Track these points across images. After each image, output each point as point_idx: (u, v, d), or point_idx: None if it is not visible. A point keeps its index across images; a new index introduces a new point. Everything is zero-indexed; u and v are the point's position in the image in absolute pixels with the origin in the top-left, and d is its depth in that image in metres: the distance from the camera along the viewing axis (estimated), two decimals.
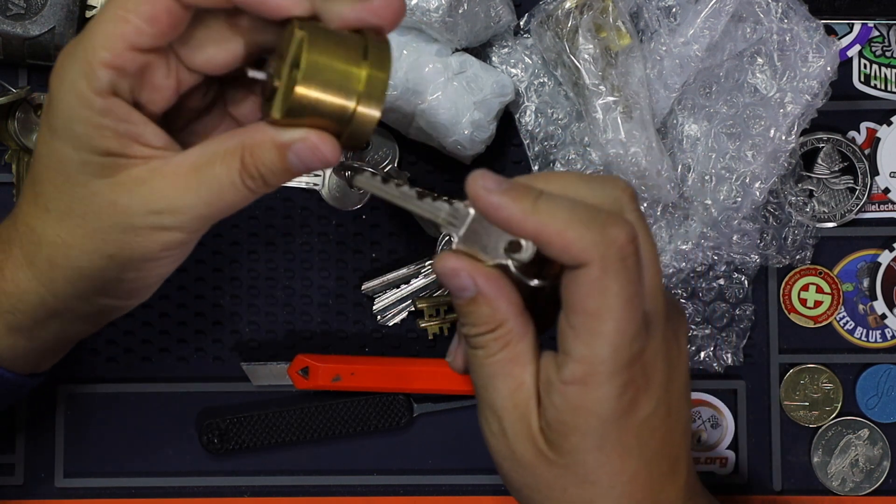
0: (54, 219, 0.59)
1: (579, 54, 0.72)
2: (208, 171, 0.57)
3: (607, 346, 0.54)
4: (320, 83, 0.54)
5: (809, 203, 0.77)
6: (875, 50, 0.78)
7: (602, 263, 0.53)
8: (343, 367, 0.75)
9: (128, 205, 0.58)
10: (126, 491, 0.77)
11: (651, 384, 0.56)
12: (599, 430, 0.56)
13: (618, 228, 0.54)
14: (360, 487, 0.78)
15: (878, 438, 0.77)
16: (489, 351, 0.57)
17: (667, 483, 0.59)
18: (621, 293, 0.54)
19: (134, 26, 0.55)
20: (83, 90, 0.56)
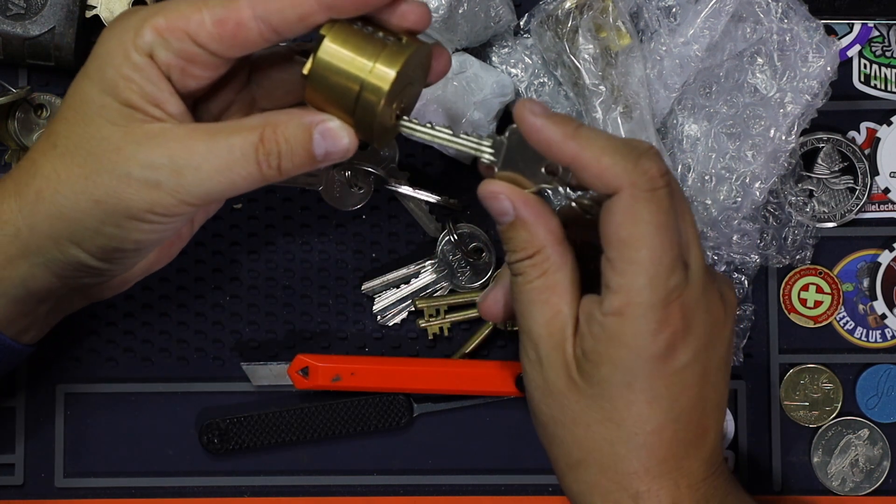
0: (57, 154, 0.60)
1: (579, 54, 0.72)
2: (223, 139, 0.58)
3: (643, 275, 0.57)
4: (334, 67, 0.58)
5: (809, 203, 0.77)
6: (875, 50, 0.78)
7: (633, 191, 0.56)
8: (343, 366, 0.75)
9: (131, 154, 0.59)
10: (126, 491, 0.77)
11: (689, 332, 0.58)
12: (631, 364, 0.57)
13: (650, 161, 0.57)
14: (360, 487, 0.78)
15: (878, 438, 0.77)
16: (527, 277, 0.59)
17: (691, 450, 0.60)
18: (652, 220, 0.56)
19: (200, 18, 0.57)
20: (126, 41, 0.58)
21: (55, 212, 0.60)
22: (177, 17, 0.58)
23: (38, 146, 0.62)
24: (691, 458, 0.60)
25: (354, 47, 0.58)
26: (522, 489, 0.77)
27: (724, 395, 0.62)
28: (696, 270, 0.58)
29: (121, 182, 0.59)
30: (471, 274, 0.76)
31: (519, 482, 0.77)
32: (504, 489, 0.78)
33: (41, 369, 0.77)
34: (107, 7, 0.74)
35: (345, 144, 0.59)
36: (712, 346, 0.59)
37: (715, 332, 0.59)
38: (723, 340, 0.60)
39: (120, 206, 0.59)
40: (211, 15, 0.57)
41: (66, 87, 0.76)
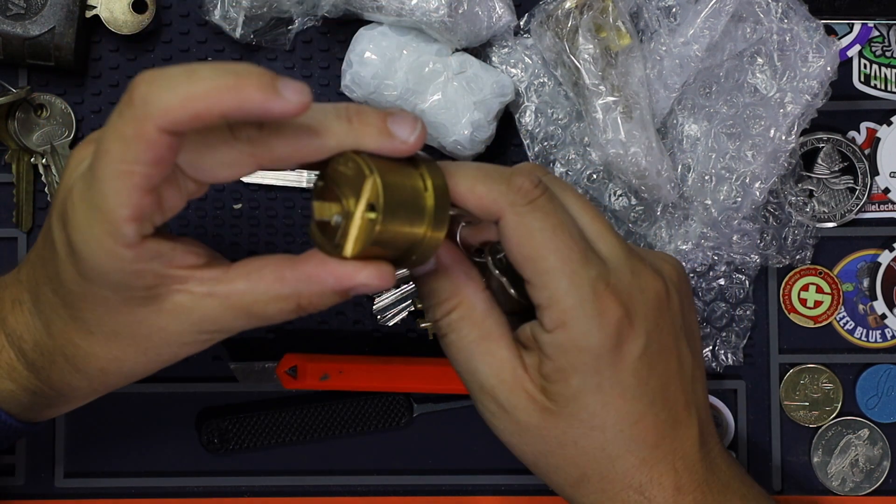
0: (102, 340, 0.59)
1: (579, 54, 0.72)
2: (258, 311, 0.56)
3: (561, 280, 0.57)
4: (394, 224, 0.55)
5: (809, 203, 0.77)
6: (875, 50, 0.78)
7: (513, 209, 0.57)
8: (331, 365, 0.75)
9: (178, 330, 0.57)
10: (126, 491, 0.77)
11: (633, 317, 0.58)
12: (594, 365, 0.57)
13: (521, 177, 0.57)
14: (360, 487, 0.78)
15: (878, 438, 0.77)
16: (460, 333, 0.59)
17: (679, 429, 0.60)
18: (544, 227, 0.57)
19: (141, 175, 0.52)
20: (112, 247, 0.54)
21: (129, 377, 0.61)
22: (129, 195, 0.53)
23: (65, 328, 0.59)
24: (682, 438, 0.60)
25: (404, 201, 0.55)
26: (522, 489, 0.78)
27: (699, 365, 0.62)
28: (613, 256, 0.59)
29: (181, 348, 0.59)
30: None
31: (519, 482, 0.77)
32: (504, 489, 0.78)
33: None
34: (107, 7, 0.74)
35: (380, 289, 0.57)
36: (663, 321, 0.59)
37: (660, 307, 0.59)
38: (673, 313, 0.60)
39: (182, 357, 0.60)
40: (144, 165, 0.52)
41: (66, 87, 0.76)
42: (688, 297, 0.63)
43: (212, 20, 0.74)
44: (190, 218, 0.77)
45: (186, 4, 0.76)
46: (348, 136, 0.55)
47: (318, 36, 0.77)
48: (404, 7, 0.71)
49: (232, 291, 0.56)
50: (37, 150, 0.76)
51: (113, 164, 0.52)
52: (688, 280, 0.63)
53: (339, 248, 0.55)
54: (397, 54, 0.72)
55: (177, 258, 0.56)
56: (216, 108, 0.51)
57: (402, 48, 0.72)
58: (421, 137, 0.56)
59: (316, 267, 0.55)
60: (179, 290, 0.56)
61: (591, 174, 0.75)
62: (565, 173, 0.75)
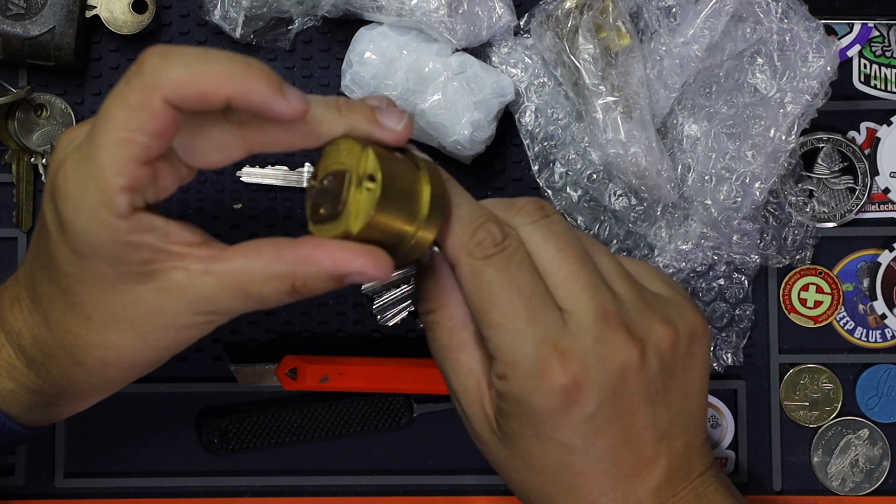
0: (99, 326, 0.58)
1: (579, 54, 0.72)
2: (254, 289, 0.57)
3: (505, 335, 0.57)
4: (391, 204, 0.55)
5: (809, 203, 0.77)
6: (875, 50, 0.78)
7: (468, 259, 0.57)
8: (331, 367, 0.75)
9: (175, 309, 0.57)
10: (126, 491, 0.77)
11: (582, 385, 0.57)
12: (533, 420, 0.58)
13: (485, 233, 0.57)
14: (360, 487, 0.78)
15: (878, 438, 0.77)
16: (435, 335, 0.60)
17: (634, 481, 0.59)
18: (492, 281, 0.57)
19: (141, 145, 0.53)
20: (106, 217, 0.54)
21: (129, 367, 0.60)
22: (125, 164, 0.53)
23: (63, 317, 0.59)
24: (634, 488, 0.59)
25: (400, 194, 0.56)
26: None
27: (683, 419, 0.60)
28: (580, 317, 0.57)
29: (179, 331, 0.58)
30: None
31: None
32: (504, 489, 0.78)
33: None
34: (107, 7, 0.74)
35: (376, 279, 0.57)
36: (625, 389, 0.58)
37: (624, 377, 0.57)
38: (646, 380, 0.58)
39: (182, 343, 0.59)
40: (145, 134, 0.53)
41: (66, 87, 0.76)
42: (689, 354, 0.60)
43: (212, 20, 0.74)
44: (190, 219, 0.77)
45: (186, 4, 0.76)
46: (338, 122, 0.56)
47: (318, 36, 0.77)
48: (404, 7, 0.71)
49: (228, 269, 0.56)
50: (37, 150, 0.76)
51: (114, 131, 0.52)
52: (696, 335, 0.60)
53: (342, 226, 0.55)
54: (397, 54, 0.72)
55: (172, 233, 0.56)
56: (223, 92, 0.52)
57: (402, 48, 0.72)
58: (408, 127, 0.56)
59: (314, 249, 0.56)
60: (176, 266, 0.56)
61: (591, 174, 0.75)
62: (565, 173, 0.75)
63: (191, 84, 0.51)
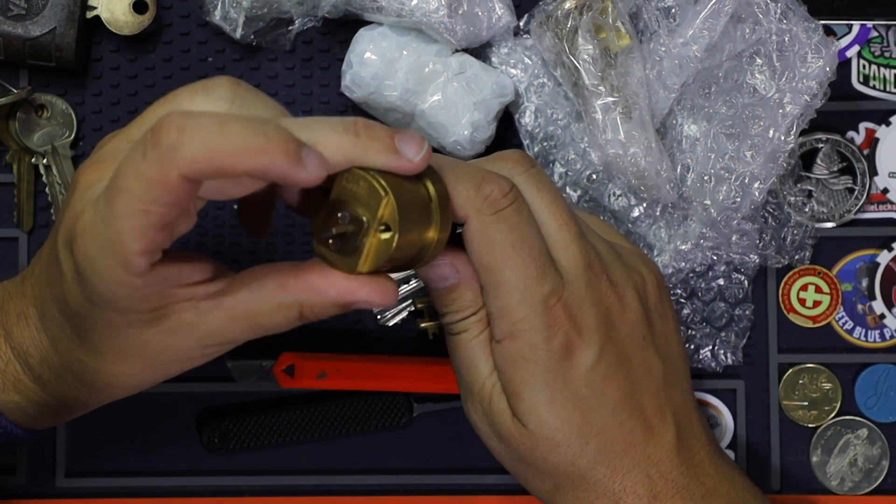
0: (109, 359, 0.59)
1: (579, 55, 0.72)
2: (263, 321, 0.57)
3: (514, 293, 0.58)
4: (407, 238, 0.55)
5: (808, 203, 0.77)
6: (874, 50, 0.78)
7: (479, 216, 0.58)
8: (328, 364, 0.75)
9: (184, 346, 0.58)
10: (127, 490, 0.77)
11: (584, 330, 0.58)
12: (543, 378, 0.58)
13: (491, 185, 0.58)
14: (360, 487, 0.78)
15: (877, 438, 0.77)
16: (472, 333, 0.60)
17: (650, 436, 0.60)
18: (505, 240, 0.58)
19: (159, 215, 0.53)
20: (122, 276, 0.54)
21: (133, 391, 0.61)
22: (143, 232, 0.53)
23: (72, 347, 0.59)
24: (655, 445, 0.60)
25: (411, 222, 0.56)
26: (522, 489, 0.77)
27: (674, 369, 0.62)
28: (571, 268, 0.59)
29: (186, 363, 0.59)
30: None
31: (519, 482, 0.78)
32: (504, 489, 0.78)
33: None
34: (107, 8, 0.74)
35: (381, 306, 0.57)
36: (618, 332, 0.60)
37: (613, 318, 0.60)
38: (632, 322, 0.61)
39: (189, 368, 0.60)
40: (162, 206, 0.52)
41: (67, 88, 0.77)
42: (660, 303, 0.63)
43: (212, 21, 0.74)
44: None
45: (187, 5, 0.76)
46: (355, 150, 0.55)
47: (319, 36, 0.77)
48: (404, 7, 0.71)
49: (236, 303, 0.56)
50: (38, 151, 0.76)
51: (132, 203, 0.52)
52: (661, 285, 0.64)
53: (352, 264, 0.55)
54: (397, 55, 0.72)
55: (183, 278, 0.56)
56: (241, 168, 0.51)
57: (402, 49, 0.72)
58: (426, 158, 0.56)
59: (319, 278, 0.56)
60: (185, 307, 0.56)
61: (591, 174, 0.75)
62: (565, 173, 0.75)
63: (208, 162, 0.51)
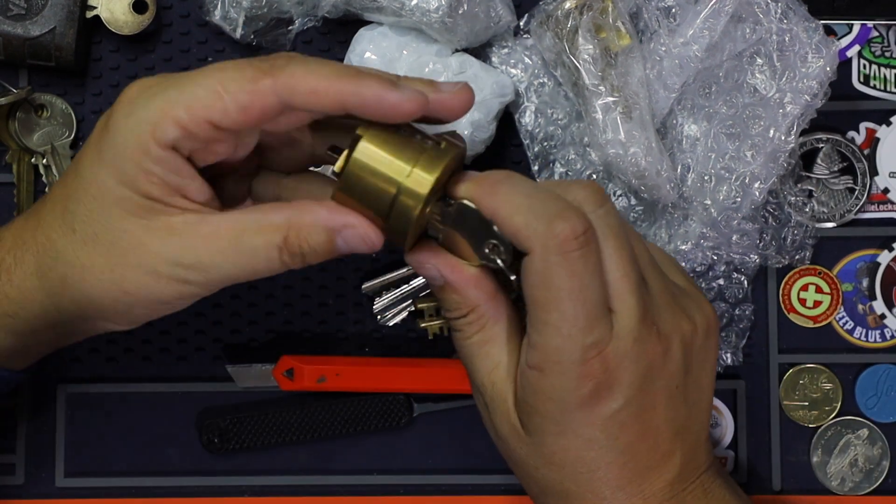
0: (79, 241, 0.59)
1: (579, 55, 0.72)
2: (247, 240, 0.57)
3: (556, 337, 0.57)
4: (370, 168, 0.56)
5: (809, 203, 0.77)
6: (874, 50, 0.78)
7: (543, 254, 0.56)
8: (328, 367, 0.75)
9: (157, 251, 0.57)
10: (126, 490, 0.77)
11: (615, 384, 0.57)
12: (558, 416, 0.58)
13: (564, 222, 0.56)
14: (360, 487, 0.78)
15: (878, 438, 0.77)
16: (465, 333, 0.60)
17: (651, 474, 0.60)
18: (563, 286, 0.56)
19: (223, 106, 0.54)
20: (145, 136, 0.55)
21: (83, 298, 0.60)
22: (199, 108, 0.55)
23: (52, 223, 0.60)
24: (653, 481, 0.60)
25: (392, 149, 0.57)
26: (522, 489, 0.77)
27: (695, 415, 0.61)
28: (625, 319, 0.58)
29: (149, 277, 0.58)
30: None
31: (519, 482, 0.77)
32: (504, 489, 0.78)
33: (41, 369, 0.77)
34: (107, 7, 0.74)
35: (368, 246, 0.58)
36: (651, 385, 0.58)
37: (652, 373, 0.58)
38: (669, 374, 0.59)
39: (151, 297, 0.59)
40: (235, 102, 0.55)
41: (67, 88, 0.77)
42: (703, 349, 0.61)
43: (212, 21, 0.74)
44: None
45: (187, 5, 0.76)
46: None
47: (319, 36, 0.77)
48: (404, 7, 0.71)
49: (223, 219, 0.57)
50: (37, 151, 0.76)
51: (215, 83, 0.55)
52: (710, 330, 0.61)
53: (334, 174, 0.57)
54: (397, 54, 0.72)
55: (186, 186, 0.57)
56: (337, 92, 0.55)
57: (402, 48, 0.72)
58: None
59: (310, 202, 0.57)
60: (174, 212, 0.57)
61: (591, 174, 0.75)
62: (565, 173, 0.75)
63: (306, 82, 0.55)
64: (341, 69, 0.56)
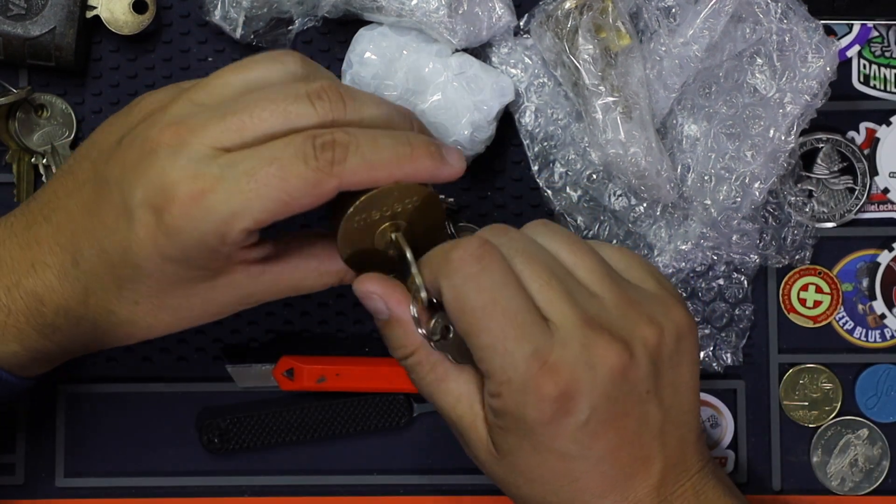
0: (143, 310, 0.60)
1: (579, 55, 0.72)
2: (306, 286, 0.62)
3: (494, 357, 0.57)
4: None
5: (809, 203, 0.77)
6: (874, 50, 0.78)
7: (449, 283, 0.58)
8: (328, 367, 0.75)
9: (224, 301, 0.61)
10: (126, 490, 0.77)
11: (574, 394, 0.57)
12: (528, 434, 0.58)
13: (458, 249, 0.58)
14: (360, 487, 0.78)
15: (878, 438, 0.77)
16: (418, 374, 0.61)
17: (632, 480, 0.60)
18: (477, 304, 0.57)
19: (292, 208, 0.57)
20: (213, 243, 0.57)
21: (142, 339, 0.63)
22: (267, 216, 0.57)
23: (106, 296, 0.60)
24: (634, 487, 0.60)
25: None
26: None
27: (676, 415, 0.61)
28: (564, 325, 0.57)
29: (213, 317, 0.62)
30: None
31: None
32: None
33: None
34: (107, 7, 0.74)
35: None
36: (617, 391, 0.58)
37: (614, 380, 0.58)
38: (636, 380, 0.58)
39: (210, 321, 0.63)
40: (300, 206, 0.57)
41: (67, 88, 0.76)
42: (676, 352, 0.60)
43: (212, 21, 0.74)
44: None
45: (187, 5, 0.76)
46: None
47: (319, 36, 0.77)
48: (404, 7, 0.71)
49: (284, 270, 0.61)
50: (37, 151, 0.76)
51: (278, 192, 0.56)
52: (682, 332, 0.61)
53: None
54: (397, 54, 0.72)
55: (252, 253, 0.59)
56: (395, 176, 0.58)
57: (402, 48, 0.72)
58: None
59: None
60: (239, 269, 0.59)
61: (591, 174, 0.75)
62: (565, 173, 0.75)
63: (366, 174, 0.57)
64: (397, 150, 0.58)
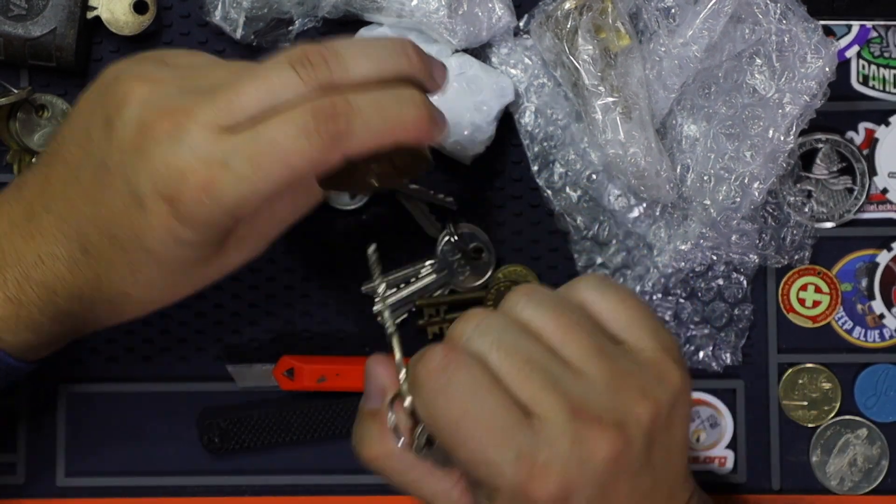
0: (156, 290, 0.63)
1: (578, 55, 0.72)
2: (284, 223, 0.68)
3: (481, 467, 0.55)
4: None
5: (808, 203, 0.77)
6: (873, 51, 0.78)
7: (419, 400, 0.56)
8: (328, 367, 0.75)
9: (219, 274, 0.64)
10: (127, 490, 0.77)
11: (571, 492, 0.54)
12: None
13: (420, 365, 0.56)
14: (360, 487, 0.78)
15: (877, 438, 0.77)
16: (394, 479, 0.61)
17: None
18: (451, 417, 0.55)
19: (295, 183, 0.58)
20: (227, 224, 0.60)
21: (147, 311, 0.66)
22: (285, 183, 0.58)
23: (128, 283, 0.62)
24: None
25: None
26: None
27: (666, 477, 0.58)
28: (550, 419, 0.54)
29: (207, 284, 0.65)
30: (471, 274, 0.77)
31: None
32: None
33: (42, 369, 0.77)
34: (108, 8, 0.74)
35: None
36: (613, 479, 0.55)
37: (609, 469, 0.55)
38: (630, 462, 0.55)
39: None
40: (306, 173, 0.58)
41: (67, 88, 0.77)
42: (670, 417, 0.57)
43: (212, 21, 0.74)
44: None
45: (187, 5, 0.77)
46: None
47: (319, 37, 0.77)
48: (404, 8, 0.71)
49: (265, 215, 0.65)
50: (38, 151, 0.76)
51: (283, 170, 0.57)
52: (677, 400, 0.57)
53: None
54: None
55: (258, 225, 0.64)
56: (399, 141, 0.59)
57: None
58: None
59: None
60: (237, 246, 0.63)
61: (591, 174, 0.75)
62: (565, 173, 0.75)
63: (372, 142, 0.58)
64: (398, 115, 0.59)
